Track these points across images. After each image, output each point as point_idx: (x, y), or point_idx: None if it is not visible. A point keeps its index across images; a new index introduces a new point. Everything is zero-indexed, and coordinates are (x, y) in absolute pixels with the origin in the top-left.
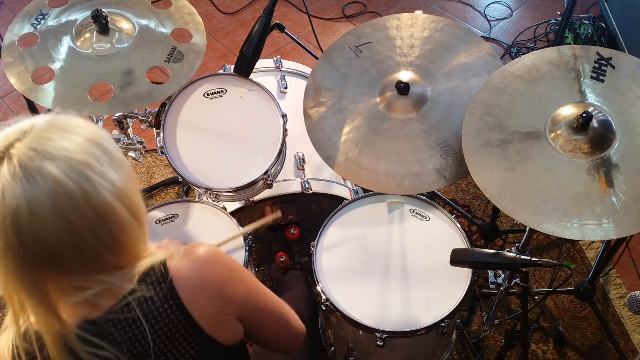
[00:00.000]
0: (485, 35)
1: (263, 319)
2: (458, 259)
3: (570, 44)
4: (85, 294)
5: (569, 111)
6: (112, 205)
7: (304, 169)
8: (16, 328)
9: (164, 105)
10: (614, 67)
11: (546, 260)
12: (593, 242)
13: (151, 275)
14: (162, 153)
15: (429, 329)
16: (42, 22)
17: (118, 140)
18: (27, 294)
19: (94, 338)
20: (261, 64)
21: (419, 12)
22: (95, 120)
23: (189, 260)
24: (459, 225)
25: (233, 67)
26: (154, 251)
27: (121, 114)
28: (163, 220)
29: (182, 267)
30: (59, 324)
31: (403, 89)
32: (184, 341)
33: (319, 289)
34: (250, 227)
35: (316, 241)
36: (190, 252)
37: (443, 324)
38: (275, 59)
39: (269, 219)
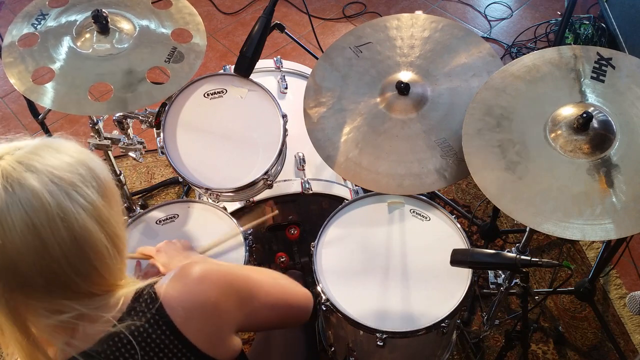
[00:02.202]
0: (485, 35)
1: (264, 315)
2: (458, 259)
3: (570, 44)
4: (61, 317)
5: (569, 111)
6: (89, 227)
7: (304, 169)
8: None
9: (164, 105)
10: (614, 67)
11: (546, 260)
12: (593, 242)
13: (140, 302)
14: (162, 153)
15: (429, 329)
16: (42, 22)
17: (118, 140)
18: (1, 315)
19: None
20: (261, 64)
21: (419, 12)
22: (95, 120)
23: (179, 283)
24: (459, 225)
25: (233, 67)
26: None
27: (121, 114)
28: (163, 220)
29: (171, 291)
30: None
31: (403, 89)
32: None
33: (319, 289)
34: (248, 226)
35: (316, 241)
36: (182, 274)
37: (443, 324)
38: (275, 59)
39: (267, 217)
